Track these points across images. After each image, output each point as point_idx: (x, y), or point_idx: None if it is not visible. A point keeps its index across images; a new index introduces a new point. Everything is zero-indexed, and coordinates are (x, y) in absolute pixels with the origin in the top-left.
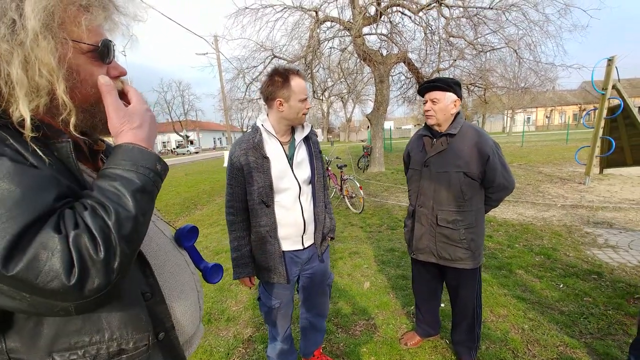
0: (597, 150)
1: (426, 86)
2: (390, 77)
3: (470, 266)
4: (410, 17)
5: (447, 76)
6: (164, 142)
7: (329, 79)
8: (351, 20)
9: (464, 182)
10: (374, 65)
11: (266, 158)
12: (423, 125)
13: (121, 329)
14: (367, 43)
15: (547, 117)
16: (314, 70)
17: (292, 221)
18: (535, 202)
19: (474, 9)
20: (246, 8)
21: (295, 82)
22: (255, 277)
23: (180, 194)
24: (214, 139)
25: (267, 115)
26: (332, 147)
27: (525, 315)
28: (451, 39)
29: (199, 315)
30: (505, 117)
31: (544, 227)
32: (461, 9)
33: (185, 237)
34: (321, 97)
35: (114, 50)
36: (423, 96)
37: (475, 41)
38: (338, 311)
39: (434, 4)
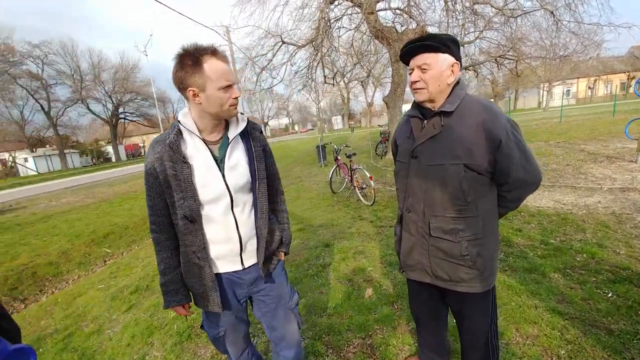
0: None
1: (410, 48)
2: None
3: (476, 289)
4: None
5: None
6: None
7: (339, 61)
8: None
9: (466, 178)
10: (388, 43)
11: (186, 163)
12: (412, 104)
13: None
14: (381, 19)
15: (589, 88)
16: (324, 55)
17: (224, 238)
18: (576, 185)
19: None
20: None
21: (211, 66)
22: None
23: None
24: None
25: (189, 108)
26: (352, 134)
27: (562, 336)
28: (476, 6)
29: None
30: (542, 91)
31: (586, 217)
32: None
33: None
34: (333, 83)
35: None
36: (407, 63)
37: (504, 7)
38: (331, 327)
39: None
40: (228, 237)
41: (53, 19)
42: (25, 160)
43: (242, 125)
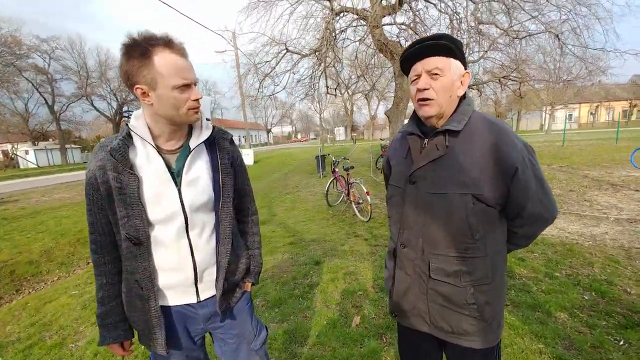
0: None
1: (419, 47)
2: None
3: (482, 345)
4: (435, 5)
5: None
6: None
7: (343, 72)
8: (368, 10)
9: (474, 211)
10: (392, 57)
11: (132, 174)
12: (409, 119)
13: None
14: (386, 33)
15: (591, 113)
16: (328, 65)
17: (175, 265)
18: (581, 213)
19: None
20: (259, 0)
21: (163, 59)
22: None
23: None
24: (239, 136)
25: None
26: (354, 145)
27: None
28: (481, 26)
29: None
30: (544, 114)
31: (594, 249)
32: None
33: None
34: (335, 94)
35: None
36: (407, 70)
37: (509, 28)
38: None
39: None
40: (180, 265)
41: (63, 18)
42: (26, 152)
43: (206, 134)
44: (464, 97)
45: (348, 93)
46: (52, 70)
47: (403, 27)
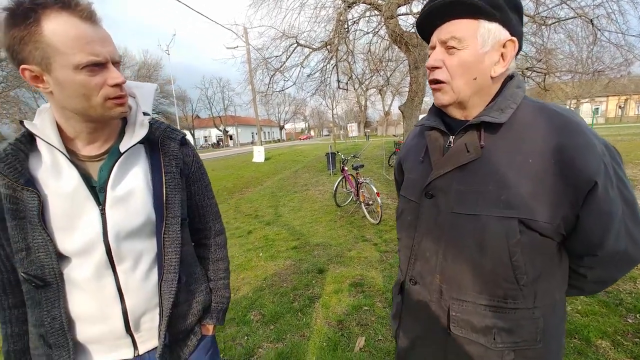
0: None
1: (433, 7)
2: None
3: None
4: None
5: None
6: (205, 137)
7: (357, 67)
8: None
9: (521, 244)
10: (407, 49)
11: (31, 191)
12: (430, 107)
13: None
14: (401, 23)
15: (620, 107)
16: (340, 59)
17: (95, 313)
18: None
19: None
20: None
21: (59, 25)
22: None
23: None
24: (252, 133)
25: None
26: (367, 142)
27: None
28: None
29: None
30: (569, 107)
31: None
32: None
33: None
34: (346, 88)
35: None
36: (428, 39)
37: (536, 15)
38: None
39: None
40: (102, 313)
41: None
42: None
43: (141, 133)
44: (511, 77)
45: (362, 88)
46: None
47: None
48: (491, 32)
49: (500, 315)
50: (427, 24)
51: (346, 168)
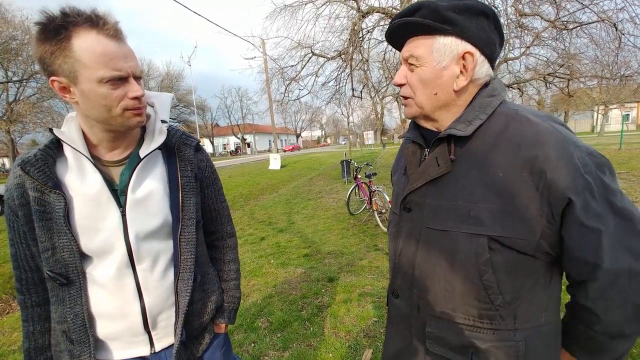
0: None
1: (391, 28)
2: None
3: None
4: None
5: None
6: (224, 145)
7: (372, 76)
8: (397, 8)
9: (493, 263)
10: None
11: (58, 194)
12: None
13: None
14: None
15: None
16: (354, 68)
17: (114, 310)
18: None
19: None
20: (285, 6)
21: (86, 43)
22: None
23: None
24: (269, 141)
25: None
26: (383, 150)
27: None
28: (523, 19)
29: None
30: (596, 114)
31: None
32: None
33: None
34: (361, 97)
35: None
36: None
37: (557, 19)
38: None
39: None
40: (122, 311)
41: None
42: None
43: (160, 140)
44: (486, 85)
45: (378, 96)
46: None
47: None
48: (447, 46)
49: (477, 335)
50: (394, 44)
51: (359, 176)
